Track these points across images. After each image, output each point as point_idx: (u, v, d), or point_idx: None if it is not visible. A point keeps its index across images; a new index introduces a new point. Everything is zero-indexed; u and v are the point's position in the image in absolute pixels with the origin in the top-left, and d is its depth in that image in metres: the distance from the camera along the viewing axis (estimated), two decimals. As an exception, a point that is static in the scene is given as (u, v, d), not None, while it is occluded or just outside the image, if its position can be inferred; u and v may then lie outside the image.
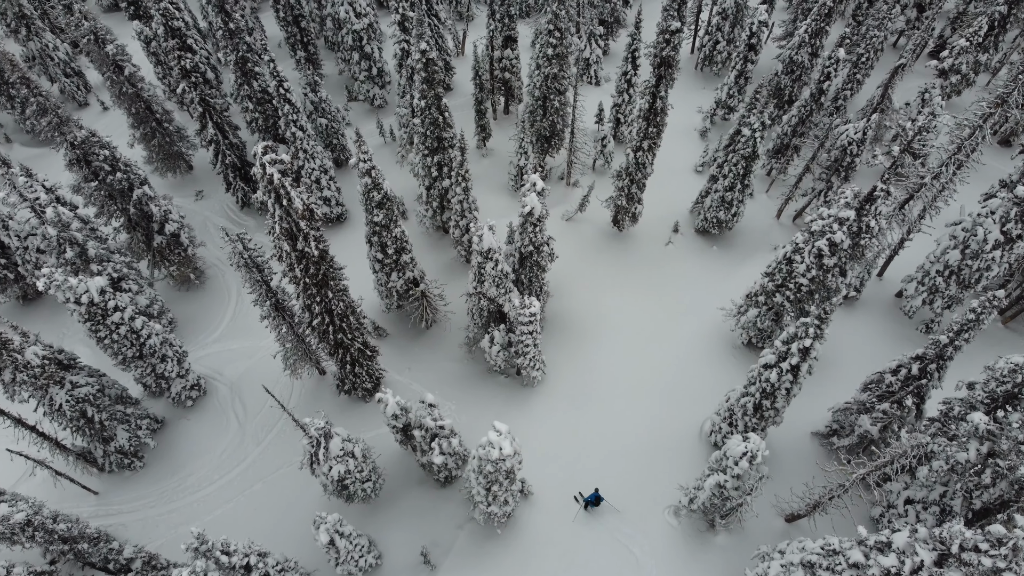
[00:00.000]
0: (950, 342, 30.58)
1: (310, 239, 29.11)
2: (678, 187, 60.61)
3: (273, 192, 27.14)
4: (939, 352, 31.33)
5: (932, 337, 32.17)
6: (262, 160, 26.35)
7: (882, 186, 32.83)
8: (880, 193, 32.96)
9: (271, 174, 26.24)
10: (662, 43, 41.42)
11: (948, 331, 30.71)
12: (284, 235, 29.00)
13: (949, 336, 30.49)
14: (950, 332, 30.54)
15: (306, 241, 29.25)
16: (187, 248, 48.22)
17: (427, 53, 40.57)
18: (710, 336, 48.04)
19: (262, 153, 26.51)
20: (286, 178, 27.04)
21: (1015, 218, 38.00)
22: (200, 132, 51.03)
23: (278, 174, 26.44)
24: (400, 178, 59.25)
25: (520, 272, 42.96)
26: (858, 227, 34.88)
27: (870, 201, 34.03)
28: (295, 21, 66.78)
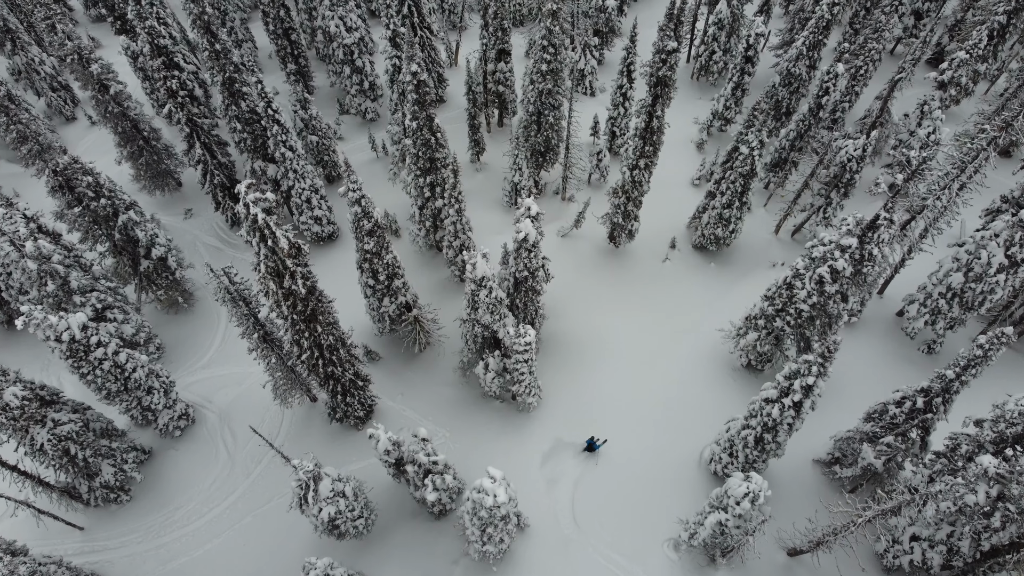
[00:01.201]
0: (956, 377, 29.77)
1: (297, 277, 28.18)
2: (675, 201, 59.73)
3: (258, 231, 26.18)
4: (945, 386, 30.51)
5: (937, 369, 31.22)
6: (246, 200, 25.38)
7: (885, 214, 31.98)
8: (883, 222, 32.11)
9: (255, 214, 25.28)
10: (658, 63, 40.58)
11: (955, 366, 29.90)
12: (270, 274, 28.04)
13: (955, 371, 29.67)
14: (956, 367, 29.72)
15: (293, 279, 28.32)
16: (175, 272, 47.21)
17: (418, 75, 39.65)
18: (709, 357, 47.19)
19: (245, 192, 25.54)
20: (271, 216, 26.08)
21: (1020, 242, 37.20)
22: (188, 152, 49.98)
23: (262, 213, 25.47)
24: (392, 195, 58.29)
25: (515, 296, 42.06)
26: (860, 255, 34.02)
27: (873, 229, 33.18)
28: (285, 34, 65.78)
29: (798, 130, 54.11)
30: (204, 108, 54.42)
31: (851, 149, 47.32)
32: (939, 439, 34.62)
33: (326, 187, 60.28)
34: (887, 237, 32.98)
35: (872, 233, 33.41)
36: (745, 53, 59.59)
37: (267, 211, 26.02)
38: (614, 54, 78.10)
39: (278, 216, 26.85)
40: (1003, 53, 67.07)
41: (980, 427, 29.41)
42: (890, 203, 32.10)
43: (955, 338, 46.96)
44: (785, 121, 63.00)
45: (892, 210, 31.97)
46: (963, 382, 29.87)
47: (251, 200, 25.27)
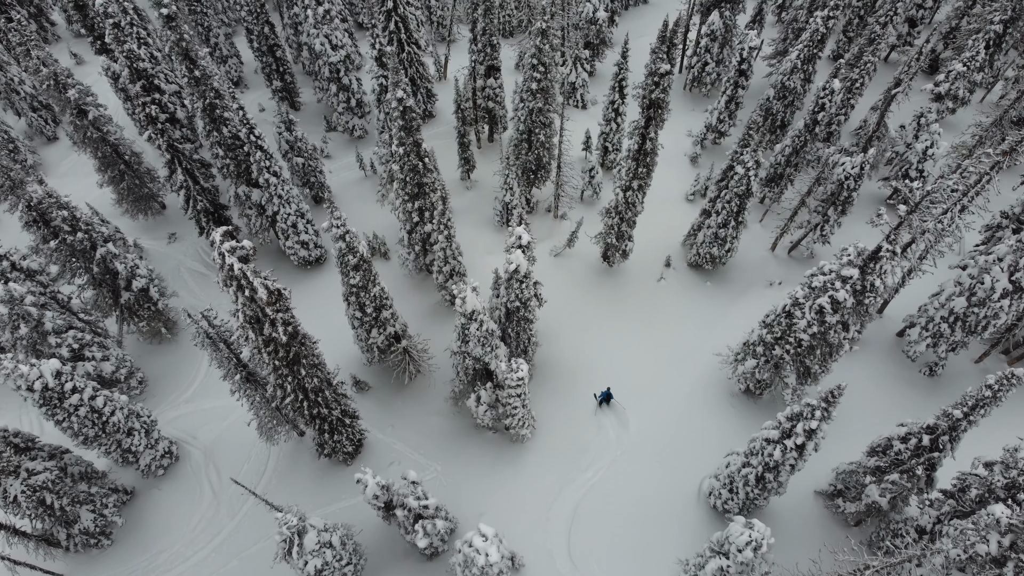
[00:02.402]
0: (964, 416, 28.71)
1: (278, 324, 26.94)
2: (669, 217, 58.64)
3: (234, 281, 24.95)
4: (952, 425, 29.46)
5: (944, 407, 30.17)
6: (220, 249, 24.16)
7: (887, 246, 30.92)
8: (886, 253, 31.05)
9: (231, 264, 24.05)
10: (651, 85, 39.45)
11: (962, 405, 28.86)
12: (249, 323, 26.81)
13: (963, 411, 28.62)
14: (964, 406, 28.68)
15: (273, 327, 27.09)
16: (157, 302, 45.89)
17: (404, 101, 38.44)
18: (706, 382, 46.10)
19: (220, 241, 24.31)
20: (248, 264, 24.85)
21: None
22: (169, 178, 48.68)
23: (239, 263, 24.25)
24: (381, 215, 57.02)
25: (507, 326, 40.96)
26: (862, 285, 32.97)
27: (875, 259, 32.12)
28: (270, 51, 64.51)
29: (794, 145, 53.08)
30: (187, 130, 52.89)
31: (849, 167, 46.28)
32: (945, 474, 33.63)
33: (313, 208, 59.03)
34: (889, 268, 31.94)
35: (874, 264, 32.36)
36: (739, 67, 58.59)
37: (243, 259, 24.79)
38: (605, 65, 77.03)
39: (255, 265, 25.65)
40: (999, 62, 66.26)
41: (990, 470, 28.33)
42: (893, 235, 31.04)
43: (957, 360, 46.05)
44: (780, 134, 62.02)
45: (895, 242, 30.91)
46: (971, 422, 28.83)
47: (226, 250, 24.04)
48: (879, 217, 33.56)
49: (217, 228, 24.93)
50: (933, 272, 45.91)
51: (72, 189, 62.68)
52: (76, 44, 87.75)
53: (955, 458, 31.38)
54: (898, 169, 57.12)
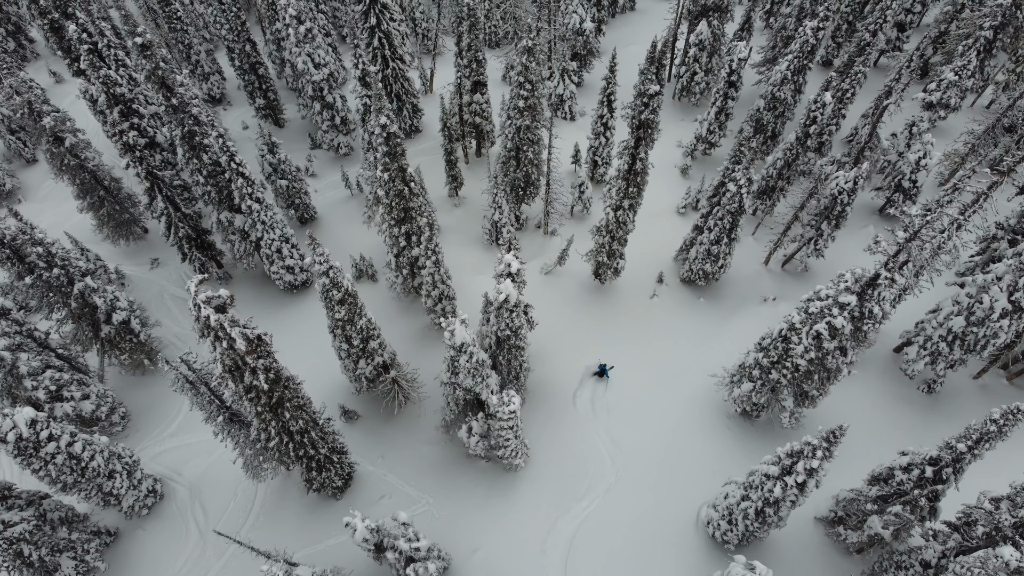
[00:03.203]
0: (968, 450, 27.95)
1: (258, 372, 25.91)
2: (660, 231, 57.84)
3: (212, 332, 23.93)
4: (956, 457, 28.69)
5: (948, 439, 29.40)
6: (196, 300, 23.13)
7: (886, 273, 30.14)
8: (884, 281, 30.26)
9: (207, 315, 23.03)
10: (640, 106, 38.58)
11: (966, 438, 28.09)
12: (228, 372, 25.79)
13: (967, 445, 27.85)
14: (968, 440, 27.92)
15: (254, 375, 26.07)
16: (139, 334, 44.76)
17: (388, 127, 37.47)
18: (702, 403, 45.22)
19: (195, 291, 23.29)
20: (225, 314, 23.82)
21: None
22: (150, 205, 47.53)
23: (215, 314, 23.23)
24: (368, 236, 55.99)
25: (497, 353, 40.05)
26: (860, 312, 32.19)
27: (872, 286, 31.34)
28: (252, 69, 63.43)
29: (786, 158, 52.34)
30: (168, 153, 51.86)
31: (842, 181, 45.58)
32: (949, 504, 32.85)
33: (298, 230, 57.91)
34: (888, 295, 31.17)
35: (872, 290, 31.58)
36: (728, 78, 57.83)
37: (220, 309, 23.77)
38: (593, 76, 76.19)
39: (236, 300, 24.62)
40: (989, 67, 65.73)
41: (997, 506, 27.57)
42: (891, 262, 30.26)
43: (955, 376, 45.38)
44: (771, 145, 61.31)
45: (894, 269, 30.14)
46: (975, 455, 28.07)
47: (202, 301, 23.02)
48: (876, 244, 32.74)
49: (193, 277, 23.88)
50: (930, 288, 45.19)
51: (53, 214, 61.62)
52: (55, 62, 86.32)
53: (959, 489, 30.59)
54: (891, 179, 56.51)
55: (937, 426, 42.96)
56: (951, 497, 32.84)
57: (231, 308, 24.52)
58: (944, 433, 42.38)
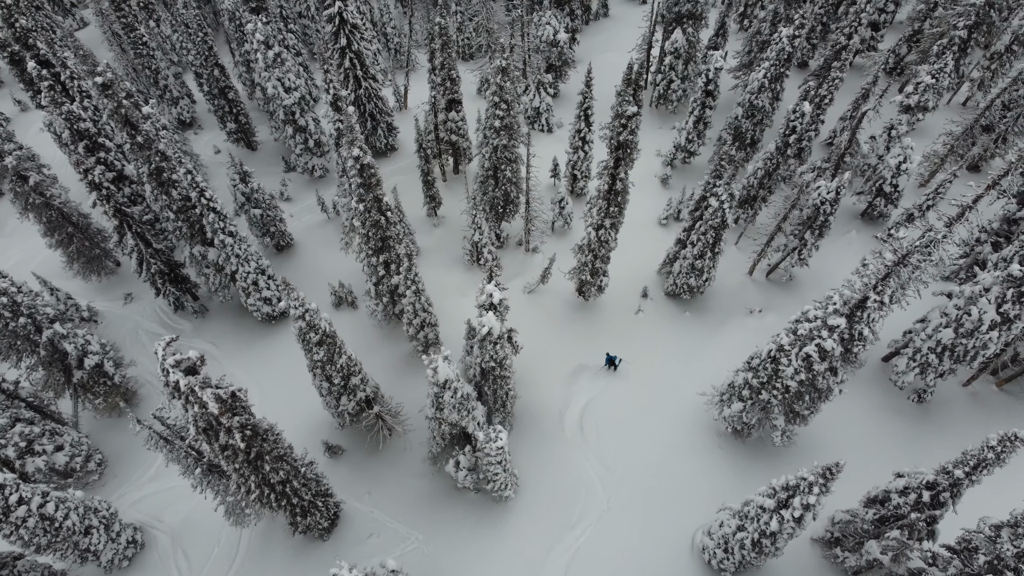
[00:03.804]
0: (966, 476, 27.42)
1: (234, 431, 24.88)
2: (643, 244, 57.13)
3: (183, 396, 22.89)
4: (953, 482, 28.16)
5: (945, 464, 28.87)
6: (163, 365, 22.09)
7: (875, 297, 29.57)
8: (873, 304, 29.70)
9: (176, 380, 22.00)
10: (618, 127, 37.84)
11: (963, 464, 27.55)
12: (202, 433, 24.74)
13: (965, 471, 27.32)
14: (966, 466, 27.38)
15: (229, 434, 25.03)
16: (113, 376, 43.49)
17: (361, 159, 36.48)
18: (692, 422, 44.55)
19: (163, 355, 22.25)
20: (196, 376, 22.79)
21: (1012, 299, 35.07)
22: (120, 242, 46.25)
23: (184, 377, 22.20)
24: (347, 262, 54.81)
25: (482, 384, 39.22)
26: (850, 334, 31.63)
27: (861, 308, 30.78)
28: (221, 93, 62.18)
29: (766, 168, 51.83)
30: (138, 186, 50.52)
31: (824, 191, 45.13)
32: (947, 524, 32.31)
33: (275, 257, 56.69)
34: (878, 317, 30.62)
35: (861, 312, 31.03)
36: (705, 87, 57.32)
37: (191, 371, 22.74)
38: (569, 86, 75.43)
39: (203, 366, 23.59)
40: (964, 66, 65.65)
41: (997, 533, 27.03)
42: (880, 285, 29.68)
43: (945, 385, 45.00)
44: (750, 152, 60.81)
45: (883, 292, 29.57)
46: (973, 480, 27.55)
47: (170, 365, 21.98)
48: (864, 267, 32.16)
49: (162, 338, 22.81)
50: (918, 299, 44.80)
51: (20, 250, 60.15)
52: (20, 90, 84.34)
53: (956, 512, 30.08)
54: (872, 184, 56.18)
55: (929, 437, 42.63)
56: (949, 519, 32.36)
57: (202, 368, 23.49)
58: (936, 445, 42.16)
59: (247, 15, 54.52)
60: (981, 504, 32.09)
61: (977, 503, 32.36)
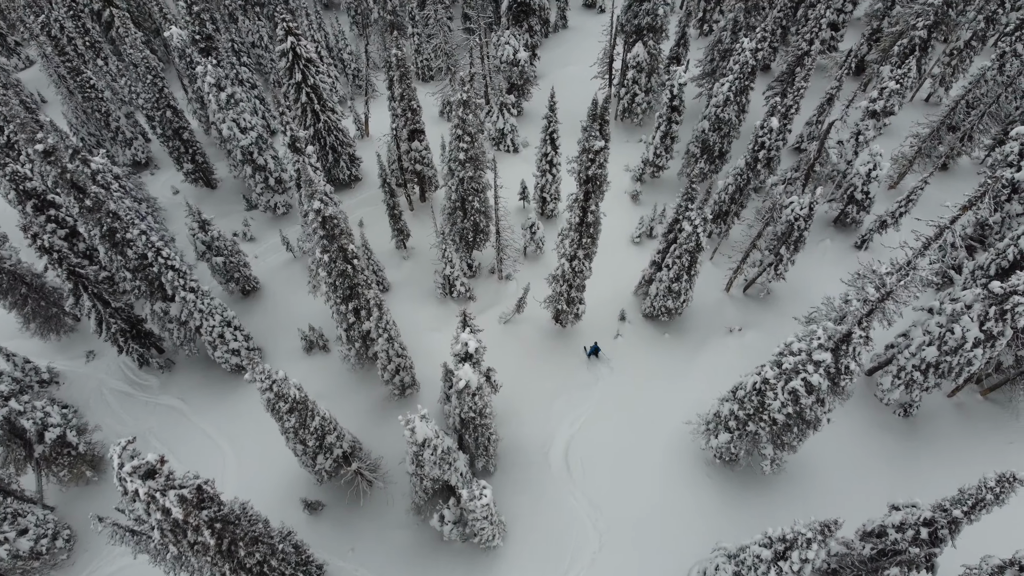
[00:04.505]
0: (964, 515, 26.73)
1: (202, 529, 23.45)
2: (617, 264, 56.21)
3: (144, 503, 21.43)
4: (951, 520, 27.46)
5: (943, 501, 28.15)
6: (120, 473, 20.62)
7: (860, 332, 28.83)
8: (859, 340, 28.96)
9: (135, 489, 20.55)
10: (586, 162, 36.84)
11: (962, 503, 26.87)
12: (168, 534, 23.27)
13: (963, 511, 26.63)
14: (964, 506, 26.69)
15: (197, 532, 23.59)
16: (77, 445, 41.63)
17: (322, 211, 35.10)
18: (679, 452, 43.64)
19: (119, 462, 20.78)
20: (156, 479, 21.35)
21: (995, 316, 34.59)
22: (76, 304, 44.34)
23: (144, 484, 20.75)
24: (316, 304, 53.10)
25: (463, 432, 38.10)
26: (836, 368, 30.89)
27: (846, 342, 30.04)
28: (176, 134, 60.19)
29: (737, 183, 51.21)
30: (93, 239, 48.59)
31: (797, 208, 44.53)
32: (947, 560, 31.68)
33: (242, 302, 54.94)
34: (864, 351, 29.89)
35: (846, 346, 30.29)
36: (670, 103, 56.53)
37: (150, 474, 21.28)
38: (533, 103, 74.35)
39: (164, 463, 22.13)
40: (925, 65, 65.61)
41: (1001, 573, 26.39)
42: (865, 321, 28.96)
43: (931, 398, 44.58)
44: (719, 164, 60.13)
45: (868, 328, 28.84)
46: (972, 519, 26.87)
47: (127, 473, 20.51)
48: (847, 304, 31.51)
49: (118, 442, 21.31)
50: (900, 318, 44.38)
51: (-26, 310, 57.62)
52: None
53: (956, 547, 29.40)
54: (843, 192, 55.79)
55: (918, 453, 42.21)
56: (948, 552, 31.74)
57: (163, 467, 22.03)
58: (926, 460, 41.78)
59: (196, 56, 52.78)
60: (981, 531, 31.46)
61: (977, 529, 31.76)
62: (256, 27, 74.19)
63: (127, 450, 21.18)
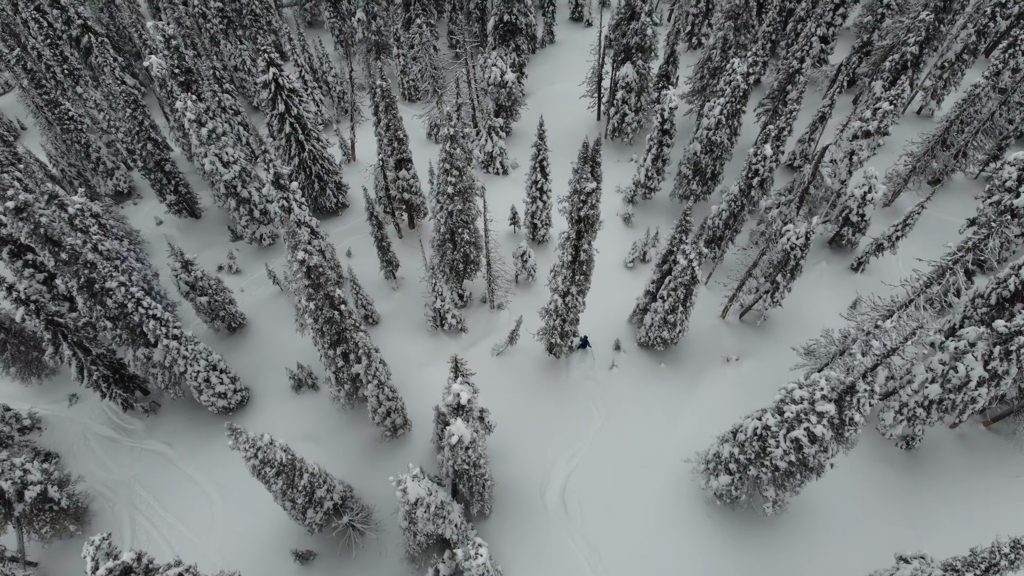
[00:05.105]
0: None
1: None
2: (610, 290, 55.22)
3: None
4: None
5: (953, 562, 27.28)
6: None
7: (865, 386, 27.93)
8: (864, 393, 28.06)
9: (110, 592, 19.44)
10: (578, 203, 35.90)
11: (974, 567, 26.00)
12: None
13: (975, 573, 25.75)
14: (976, 568, 25.83)
15: (180, 626, 22.50)
16: (59, 500, 40.34)
17: (306, 262, 33.99)
18: (678, 490, 42.63)
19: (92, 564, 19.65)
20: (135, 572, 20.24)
21: (999, 356, 33.78)
22: (55, 354, 43.04)
23: (120, 587, 19.65)
24: (304, 341, 51.92)
25: (457, 482, 37.11)
26: (840, 419, 29.99)
27: (851, 393, 29.14)
28: (157, 166, 58.85)
29: (731, 210, 50.32)
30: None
31: (794, 237, 43.69)
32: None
33: (228, 339, 53.64)
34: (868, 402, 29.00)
35: (851, 397, 29.39)
36: (661, 127, 55.60)
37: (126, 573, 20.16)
38: (521, 124, 73.29)
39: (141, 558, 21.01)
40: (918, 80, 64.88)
41: None
42: (870, 375, 28.06)
43: (933, 432, 43.73)
44: (711, 185, 59.24)
45: (873, 383, 27.95)
46: (985, 582, 26.04)
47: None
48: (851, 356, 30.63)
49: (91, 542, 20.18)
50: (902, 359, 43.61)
51: (-47, 355, 56.14)
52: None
53: (967, 602, 28.60)
54: (838, 213, 55.03)
55: (921, 489, 41.32)
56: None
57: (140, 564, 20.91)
58: (929, 496, 40.96)
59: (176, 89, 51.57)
60: None
61: None
62: (238, 51, 72.91)
63: (101, 548, 20.06)
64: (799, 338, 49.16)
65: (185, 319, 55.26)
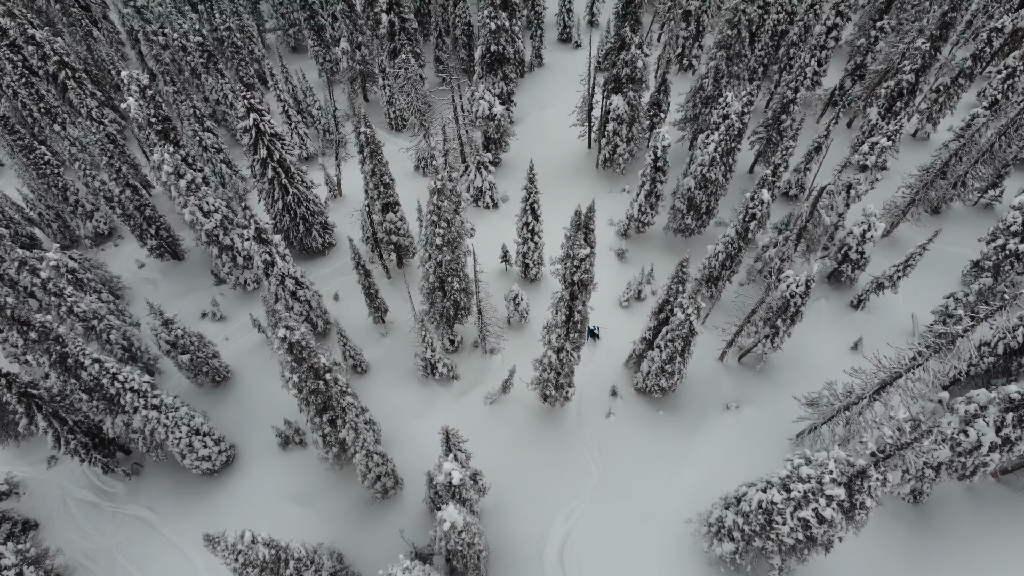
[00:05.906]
0: None
1: None
2: (606, 330, 53.98)
3: None
4: None
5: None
6: None
7: (878, 475, 26.57)
8: (876, 481, 26.69)
9: None
10: (572, 268, 34.51)
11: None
12: None
13: None
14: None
15: None
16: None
17: (288, 338, 32.49)
18: (680, 549, 41.24)
19: None
20: None
21: (1012, 423, 32.50)
22: (29, 425, 41.34)
23: None
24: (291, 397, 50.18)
25: (451, 559, 35.69)
26: (851, 503, 28.61)
27: (862, 478, 27.78)
28: (138, 211, 57.11)
29: (728, 252, 48.97)
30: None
31: (794, 285, 42.42)
32: None
33: (212, 391, 51.94)
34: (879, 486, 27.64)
35: (861, 482, 28.02)
36: (654, 164, 54.21)
37: None
38: (511, 154, 71.77)
39: None
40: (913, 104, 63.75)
41: None
42: (882, 464, 26.69)
43: (942, 485, 42.42)
44: (705, 220, 57.92)
45: (885, 471, 26.59)
46: None
47: None
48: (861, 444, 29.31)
49: None
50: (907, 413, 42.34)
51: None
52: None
53: None
54: (837, 250, 53.81)
55: (930, 547, 40.03)
56: None
57: None
58: (938, 554, 39.74)
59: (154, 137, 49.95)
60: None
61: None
62: (219, 85, 71.21)
63: None
64: (800, 382, 47.88)
65: (167, 371, 53.52)
